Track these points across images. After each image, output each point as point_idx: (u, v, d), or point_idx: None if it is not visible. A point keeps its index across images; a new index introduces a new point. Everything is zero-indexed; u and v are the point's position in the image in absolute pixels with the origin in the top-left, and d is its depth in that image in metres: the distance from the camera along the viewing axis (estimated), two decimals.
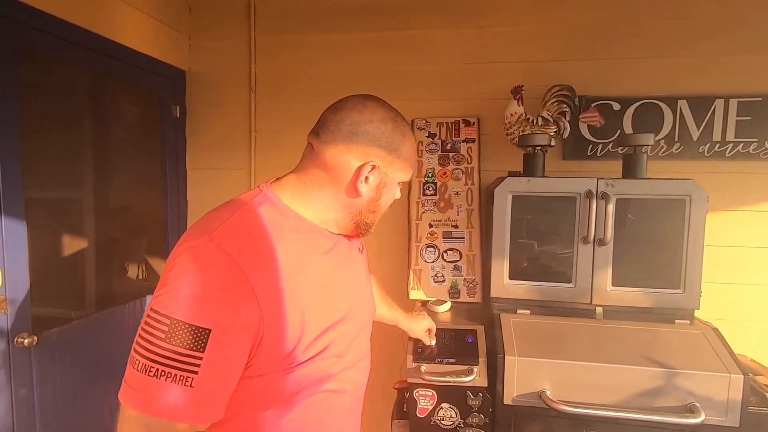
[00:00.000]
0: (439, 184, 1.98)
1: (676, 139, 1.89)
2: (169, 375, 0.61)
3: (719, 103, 1.86)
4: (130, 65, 1.92)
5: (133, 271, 2.09)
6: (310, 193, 0.81)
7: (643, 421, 1.24)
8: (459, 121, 2.02)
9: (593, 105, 1.92)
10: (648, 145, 1.60)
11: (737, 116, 1.85)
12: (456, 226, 1.93)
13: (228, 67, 2.20)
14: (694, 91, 1.87)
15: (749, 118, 1.84)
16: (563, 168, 1.98)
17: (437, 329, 1.45)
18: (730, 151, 1.86)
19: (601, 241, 1.49)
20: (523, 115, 1.80)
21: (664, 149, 1.91)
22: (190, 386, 0.61)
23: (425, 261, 1.93)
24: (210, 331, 0.62)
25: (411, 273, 1.94)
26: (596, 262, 1.51)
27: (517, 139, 1.79)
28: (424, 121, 2.05)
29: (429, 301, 1.81)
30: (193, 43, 2.22)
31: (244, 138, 2.21)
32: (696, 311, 1.51)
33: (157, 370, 0.61)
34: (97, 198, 1.87)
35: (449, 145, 2.01)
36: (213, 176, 2.26)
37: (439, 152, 2.01)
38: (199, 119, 2.24)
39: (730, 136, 1.86)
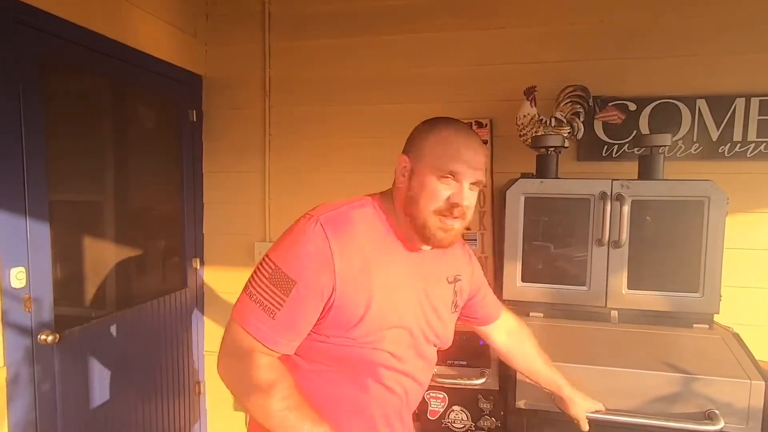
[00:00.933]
0: None
1: (695, 140, 1.85)
2: (262, 303, 0.82)
3: (740, 102, 1.81)
4: (149, 71, 1.97)
5: (151, 272, 2.14)
6: (392, 202, 0.93)
7: (660, 428, 1.21)
8: (472, 123, 2.01)
9: (610, 104, 1.90)
10: (665, 146, 1.57)
11: (759, 115, 1.80)
12: (468, 229, 1.92)
13: (243, 71, 2.24)
14: (713, 90, 1.83)
15: None
16: (577, 169, 1.95)
17: None
18: (751, 152, 1.81)
19: (615, 243, 1.47)
20: (536, 116, 1.79)
21: (682, 150, 1.87)
22: (272, 318, 0.81)
23: None
24: (296, 283, 0.81)
25: None
26: (611, 265, 1.49)
27: (530, 141, 1.77)
28: None
29: None
30: (210, 49, 2.27)
31: (258, 141, 2.25)
32: (715, 316, 1.47)
33: (257, 297, 0.82)
34: (117, 200, 1.93)
35: None
36: (228, 179, 2.30)
37: None
38: (215, 123, 2.29)
39: (752, 135, 1.81)
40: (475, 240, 1.91)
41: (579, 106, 1.79)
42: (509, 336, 1.21)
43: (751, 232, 1.82)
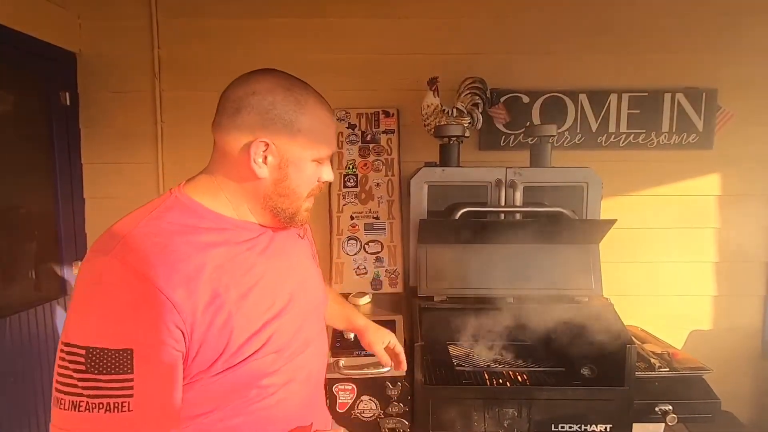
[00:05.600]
0: (360, 175, 1.96)
1: (578, 131, 2.03)
2: (101, 406, 0.57)
3: (614, 97, 2.02)
4: (5, 45, 1.67)
5: (20, 280, 1.85)
6: (220, 187, 0.74)
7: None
8: (379, 112, 2.01)
9: (502, 99, 2.00)
10: (551, 136, 1.70)
11: (629, 109, 2.02)
12: (377, 218, 1.93)
13: (126, 50, 2.00)
14: (592, 86, 2.02)
15: (638, 111, 2.02)
16: (479, 158, 2.04)
17: None
18: (623, 142, 2.04)
19: None
20: (439, 106, 1.83)
21: (568, 140, 2.04)
22: (129, 410, 0.57)
23: (347, 254, 1.91)
24: (132, 350, 0.58)
25: (333, 266, 1.90)
26: None
27: (433, 130, 1.81)
28: (344, 112, 2.01)
29: (350, 294, 1.79)
30: (84, 22, 1.99)
31: (148, 129, 2.03)
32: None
33: (87, 403, 0.56)
34: None
35: (369, 136, 1.99)
36: (114, 171, 2.05)
37: (360, 143, 1.99)
38: (95, 108, 2.02)
39: (623, 127, 2.03)
40: (384, 229, 1.92)
41: (478, 97, 1.86)
42: None
43: (624, 213, 2.05)
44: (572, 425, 1.34)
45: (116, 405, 0.57)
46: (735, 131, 2.02)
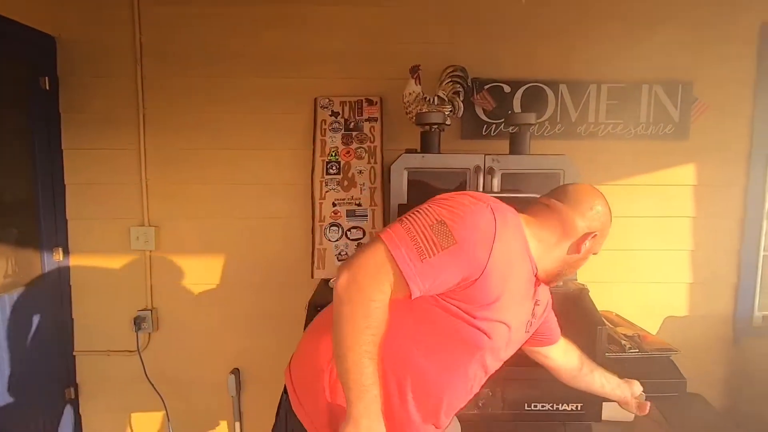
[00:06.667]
0: (342, 163, 1.98)
1: (558, 120, 2.07)
2: (417, 243, 0.83)
3: (593, 88, 2.05)
4: None
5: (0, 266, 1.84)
6: (542, 233, 0.99)
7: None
8: (362, 100, 2.02)
9: (486, 87, 2.03)
10: (530, 124, 1.72)
11: (608, 100, 2.06)
12: (359, 205, 1.94)
13: (108, 35, 1.98)
14: (572, 77, 2.05)
15: (617, 102, 2.05)
16: (461, 147, 2.06)
17: None
18: (602, 132, 2.07)
19: None
20: (421, 94, 1.85)
21: (548, 129, 2.07)
22: (421, 260, 0.82)
23: (329, 240, 1.92)
24: (456, 243, 0.84)
25: (315, 252, 1.92)
26: None
27: (415, 118, 1.83)
28: (327, 100, 2.02)
29: (330, 279, 1.81)
30: (64, 6, 1.96)
31: (130, 114, 2.02)
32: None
33: (414, 235, 0.83)
34: None
35: (352, 124, 2.01)
36: (95, 157, 2.04)
37: (343, 131, 2.00)
38: (76, 93, 2.00)
39: (602, 118, 2.07)
40: (366, 216, 1.94)
41: (459, 85, 1.88)
42: (566, 354, 1.26)
43: None
44: (544, 404, 1.38)
45: (422, 250, 0.82)
46: (710, 122, 2.07)
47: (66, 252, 2.05)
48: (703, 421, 1.93)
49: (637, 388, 1.28)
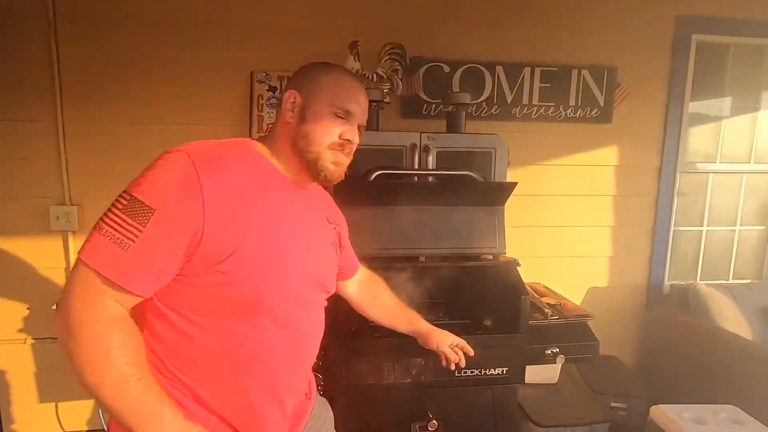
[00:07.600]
0: None
1: (495, 102, 2.13)
2: (113, 237, 0.72)
3: (527, 71, 2.14)
4: None
5: None
6: (275, 142, 0.91)
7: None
8: None
9: (424, 68, 2.04)
10: (466, 104, 1.76)
11: (540, 83, 2.15)
12: None
13: None
14: (507, 59, 2.11)
15: (549, 85, 2.15)
16: (402, 126, 2.09)
17: None
18: (535, 114, 2.17)
19: None
20: (360, 70, 1.83)
21: (485, 110, 2.14)
22: (125, 251, 0.72)
23: None
24: (154, 211, 0.73)
25: None
26: None
27: None
28: (264, 74, 1.95)
29: None
30: None
31: (44, 84, 1.85)
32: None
33: (107, 231, 0.72)
34: None
35: None
36: (6, 129, 1.86)
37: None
38: None
39: (535, 100, 2.16)
40: None
41: (397, 63, 1.89)
42: (360, 285, 1.25)
43: (533, 182, 2.21)
44: (473, 370, 1.45)
45: (121, 241, 0.72)
46: (630, 107, 2.22)
47: None
48: (616, 378, 2.13)
49: (450, 339, 1.27)
